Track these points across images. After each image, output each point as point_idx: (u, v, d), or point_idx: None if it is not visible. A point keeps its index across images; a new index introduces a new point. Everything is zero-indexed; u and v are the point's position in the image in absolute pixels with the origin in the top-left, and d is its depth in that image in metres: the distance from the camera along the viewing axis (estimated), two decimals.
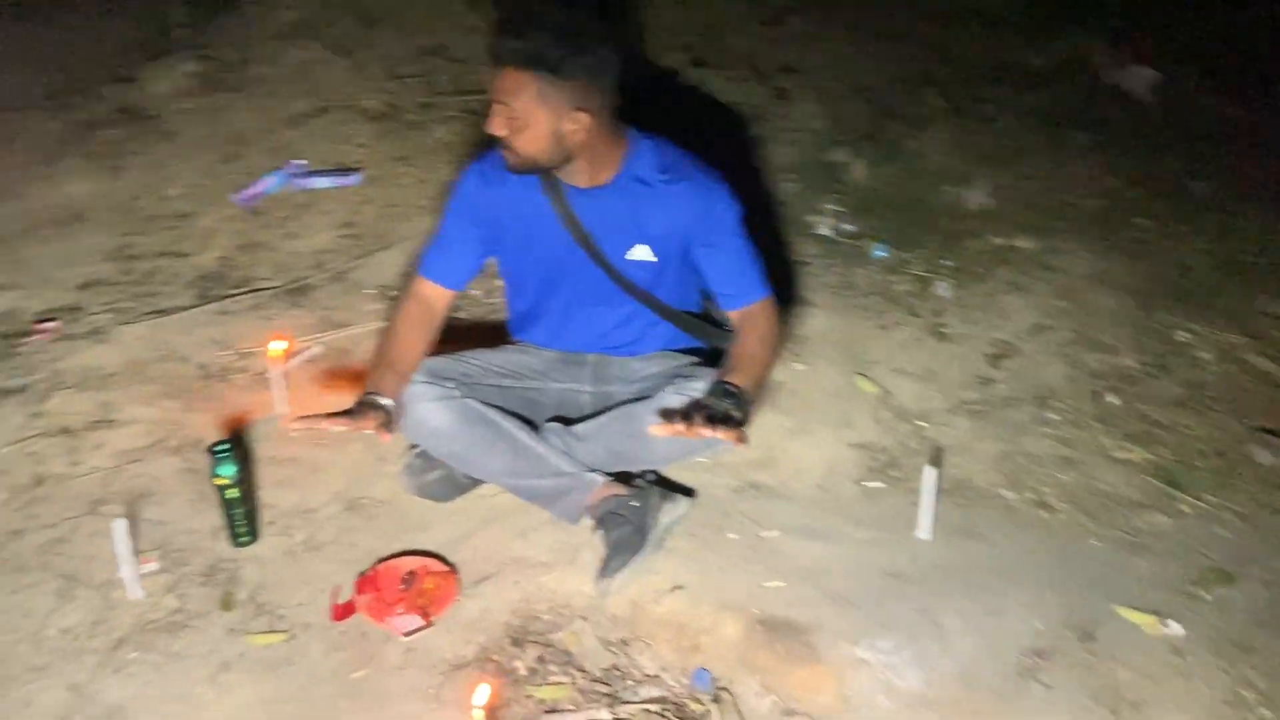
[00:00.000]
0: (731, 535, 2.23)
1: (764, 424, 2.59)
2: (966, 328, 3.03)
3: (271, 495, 2.34)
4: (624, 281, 2.16)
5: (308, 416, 1.95)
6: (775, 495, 2.37)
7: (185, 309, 3.20)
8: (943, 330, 3.02)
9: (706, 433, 1.84)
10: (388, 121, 4.20)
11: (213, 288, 3.36)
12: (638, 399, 2.20)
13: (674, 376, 2.16)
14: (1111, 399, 2.67)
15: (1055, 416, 2.62)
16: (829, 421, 2.62)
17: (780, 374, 2.79)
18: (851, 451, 2.51)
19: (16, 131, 4.63)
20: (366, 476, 2.38)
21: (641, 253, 2.14)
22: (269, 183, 3.87)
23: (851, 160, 3.80)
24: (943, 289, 3.21)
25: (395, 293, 3.08)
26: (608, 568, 2.03)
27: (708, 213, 2.09)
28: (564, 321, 2.27)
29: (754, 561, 2.15)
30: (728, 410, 1.92)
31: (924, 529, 2.23)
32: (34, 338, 3.06)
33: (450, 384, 2.14)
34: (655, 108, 4.03)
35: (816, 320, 3.08)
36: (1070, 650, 1.94)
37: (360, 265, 3.43)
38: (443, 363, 2.19)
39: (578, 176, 2.07)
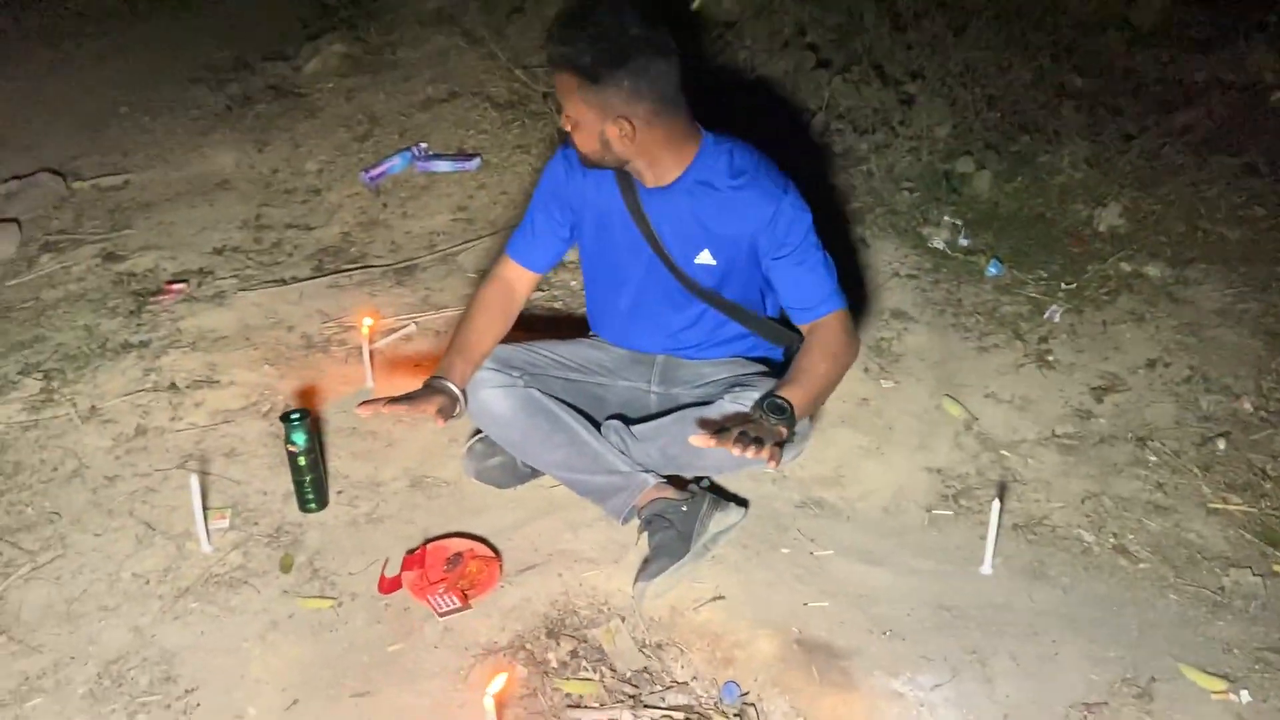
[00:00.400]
0: (784, 550, 2.19)
1: (837, 440, 2.53)
2: (1074, 356, 2.88)
3: (346, 465, 2.43)
4: (690, 283, 2.14)
5: (372, 400, 2.00)
6: (837, 514, 2.31)
7: (301, 280, 3.36)
8: (1048, 357, 2.87)
9: (737, 452, 1.80)
10: (512, 110, 4.29)
11: (330, 261, 3.51)
12: (699, 403, 2.18)
13: (735, 385, 2.13)
14: (1220, 445, 2.48)
15: (1154, 459, 2.46)
16: (907, 443, 2.53)
17: (865, 389, 2.72)
18: (925, 476, 2.42)
19: (179, 102, 4.96)
20: (436, 456, 2.44)
21: (704, 257, 2.11)
22: (394, 163, 4.01)
23: (975, 172, 3.65)
24: (1055, 314, 3.06)
25: None
26: (646, 571, 2.03)
27: (774, 221, 2.05)
28: (631, 319, 2.27)
29: (803, 580, 2.11)
30: (770, 426, 1.88)
31: (987, 564, 2.13)
32: (164, 297, 3.27)
33: (516, 373, 2.17)
34: (766, 109, 4.01)
35: (914, 337, 2.98)
36: (1123, 707, 1.82)
37: (467, 249, 3.52)
38: (512, 351, 2.22)
39: (643, 176, 2.07)
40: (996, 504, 2.08)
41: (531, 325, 2.61)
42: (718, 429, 1.85)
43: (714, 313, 2.19)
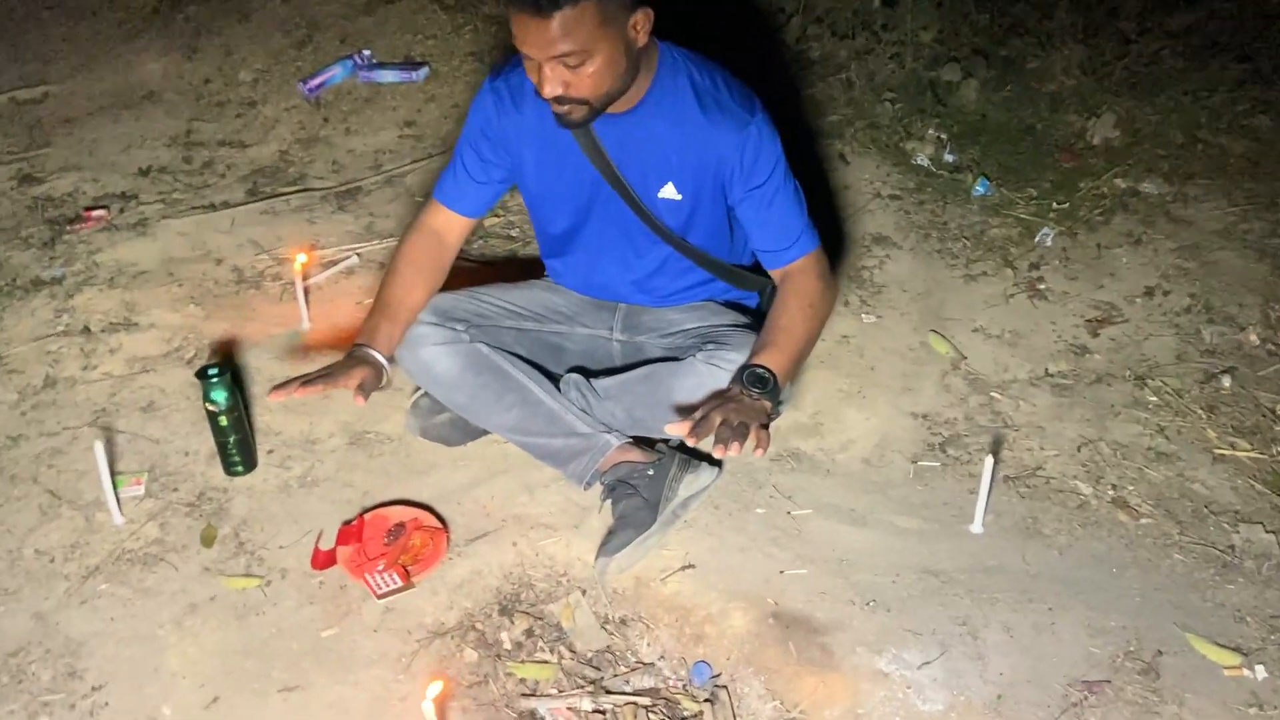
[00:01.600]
0: (759, 510, 2.00)
1: (816, 383, 2.34)
2: (1067, 285, 2.68)
3: (279, 421, 2.21)
4: (654, 223, 1.90)
5: (283, 384, 1.76)
6: (815, 468, 2.12)
7: (233, 205, 3.08)
8: (1039, 286, 2.68)
9: (719, 452, 1.60)
10: (463, 13, 3.95)
11: (265, 184, 3.23)
12: (667, 358, 1.97)
13: (708, 339, 1.91)
14: (1224, 382, 2.31)
15: (1154, 399, 2.28)
16: (890, 386, 2.34)
17: (845, 325, 2.52)
18: (910, 423, 2.24)
19: (100, 6, 4.56)
20: (378, 410, 2.21)
21: (668, 191, 1.87)
22: (335, 73, 3.70)
23: (961, 80, 3.40)
24: (1047, 237, 2.85)
25: None
26: (609, 545, 1.84)
27: (742, 149, 1.79)
28: (593, 263, 2.02)
29: (779, 543, 1.93)
30: (752, 404, 1.68)
31: (977, 522, 1.96)
32: (81, 226, 2.99)
33: (461, 325, 1.94)
34: (734, 13, 3.70)
35: (897, 265, 2.77)
36: (1127, 685, 1.67)
37: (415, 169, 3.24)
38: (454, 300, 1.98)
39: None
40: (989, 460, 1.90)
41: (466, 277, 2.37)
42: (700, 420, 1.64)
43: (679, 257, 1.95)
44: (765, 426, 1.68)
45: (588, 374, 2.04)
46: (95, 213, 3.06)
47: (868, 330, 2.51)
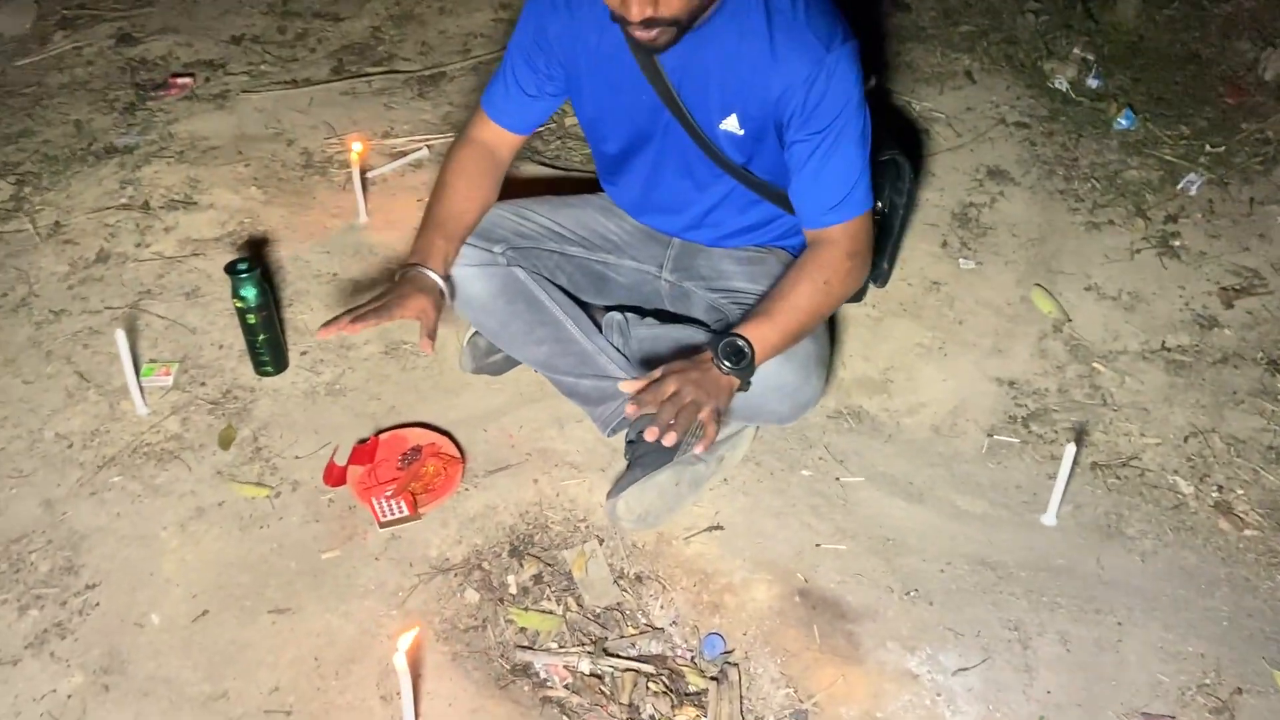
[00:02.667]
0: (804, 472, 1.82)
1: (893, 333, 2.11)
2: (1206, 243, 2.35)
3: (316, 320, 2.12)
4: (716, 154, 1.67)
5: (333, 320, 1.58)
6: (877, 430, 1.92)
7: (315, 83, 2.97)
8: (1173, 242, 2.35)
9: (650, 437, 1.40)
10: None
11: (352, 61, 3.10)
12: (709, 325, 1.78)
13: (749, 305, 1.71)
14: None
15: None
16: (979, 344, 2.09)
17: (937, 270, 2.27)
18: (993, 389, 2.00)
19: None
20: None
21: (730, 123, 1.63)
22: None
23: None
24: (1193, 185, 2.50)
25: None
26: (619, 482, 1.70)
27: (808, 87, 1.52)
28: (645, 195, 1.81)
29: (819, 512, 1.75)
30: (714, 380, 1.46)
31: (1051, 514, 1.74)
32: (165, 93, 2.93)
33: (500, 247, 1.77)
34: None
35: (1010, 204, 2.47)
36: None
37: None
38: (497, 216, 1.80)
39: None
40: (1071, 448, 1.67)
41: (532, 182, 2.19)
42: (652, 375, 1.44)
43: (744, 190, 1.73)
44: (720, 414, 1.47)
45: (632, 311, 1.87)
46: (181, 80, 2.99)
47: (963, 278, 2.25)
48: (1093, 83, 2.85)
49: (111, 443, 1.85)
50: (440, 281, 1.67)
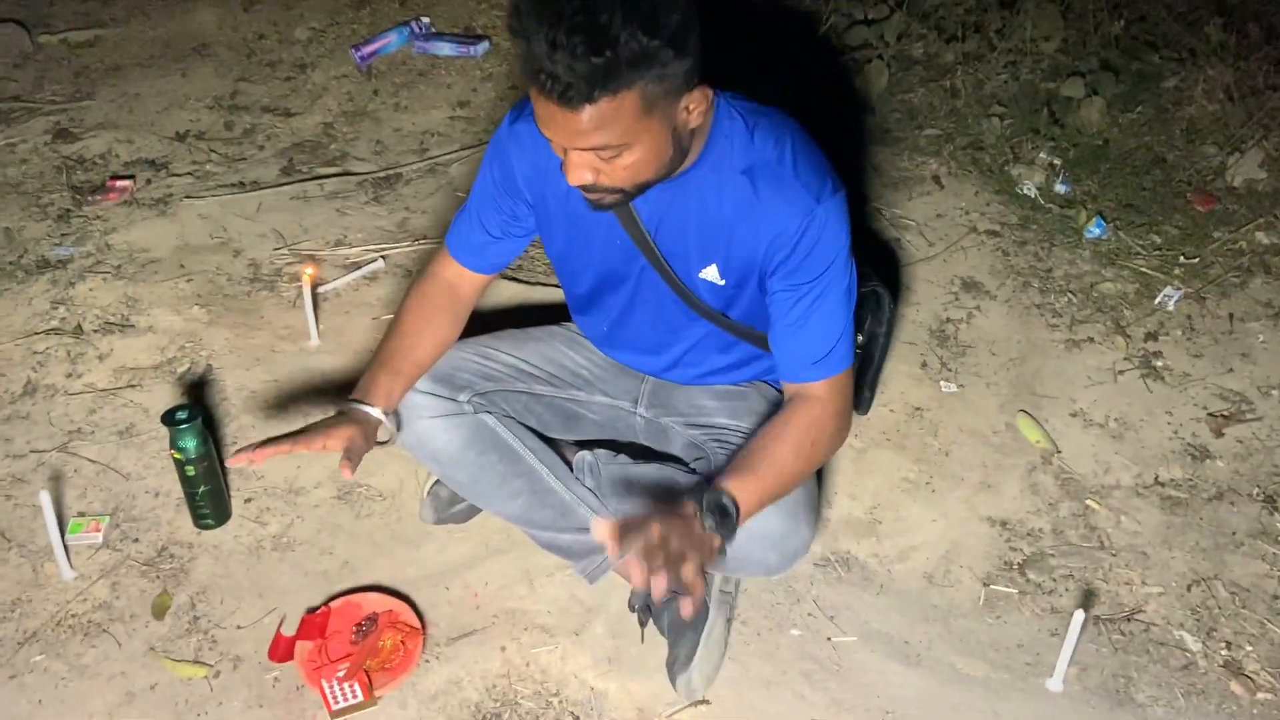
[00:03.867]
0: (794, 631, 1.70)
1: (878, 466, 2.02)
2: (1189, 364, 2.30)
3: (265, 463, 1.96)
4: (693, 301, 1.57)
5: (245, 448, 1.44)
6: (867, 580, 1.81)
7: (263, 186, 2.84)
8: (1155, 363, 2.29)
9: (638, 582, 1.24)
10: None
11: (303, 161, 2.98)
12: (687, 462, 1.67)
13: (732, 442, 1.61)
14: None
15: None
16: (967, 479, 2.00)
17: (919, 394, 2.19)
18: (985, 531, 1.91)
19: None
20: (374, 459, 1.93)
21: (710, 273, 1.53)
22: (390, 40, 3.42)
23: (1085, 98, 2.98)
24: (1170, 299, 2.46)
25: None
26: (678, 659, 1.59)
27: (798, 240, 1.42)
28: (621, 333, 1.70)
29: (813, 680, 1.63)
30: (699, 537, 1.31)
31: (1057, 678, 1.63)
32: (103, 198, 2.78)
33: (464, 395, 1.64)
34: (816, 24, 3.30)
35: (988, 320, 2.41)
36: None
37: (463, 159, 2.95)
38: (458, 360, 1.68)
39: None
40: (1079, 615, 1.56)
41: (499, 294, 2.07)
42: (632, 519, 1.31)
43: (720, 333, 1.63)
44: (704, 571, 1.34)
45: (604, 448, 1.75)
46: (120, 183, 2.85)
47: (946, 402, 2.17)
48: (1061, 188, 2.82)
49: (34, 614, 1.68)
50: (378, 415, 1.54)
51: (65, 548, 1.73)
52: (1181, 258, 2.60)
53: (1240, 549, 1.88)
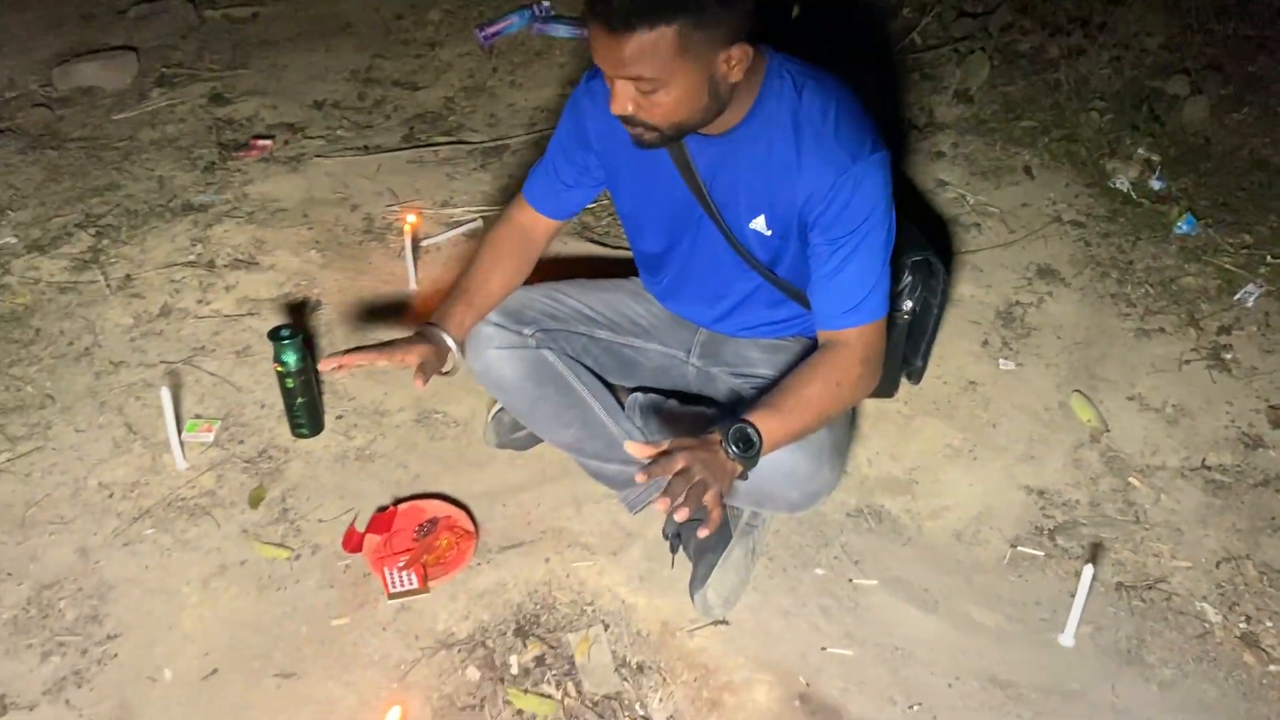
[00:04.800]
0: (818, 570, 1.81)
1: (922, 432, 2.10)
2: (1258, 359, 2.29)
3: (356, 385, 2.19)
4: (744, 253, 1.70)
5: (335, 354, 1.63)
6: (896, 532, 1.90)
7: (385, 150, 3.09)
8: (1224, 355, 2.29)
9: (662, 507, 1.36)
10: None
11: (423, 130, 3.23)
12: (733, 400, 1.79)
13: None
14: None
15: None
16: (1010, 450, 2.06)
17: (975, 369, 2.25)
18: (1021, 498, 1.97)
19: None
20: (452, 390, 2.15)
21: (759, 223, 1.66)
22: (512, 21, 3.64)
23: (1189, 96, 2.95)
24: (1250, 295, 2.44)
25: None
26: (696, 579, 1.73)
27: (832, 195, 1.54)
28: (680, 283, 1.85)
29: (829, 614, 1.74)
30: (721, 464, 1.43)
31: (1069, 634, 1.70)
32: (244, 154, 3.07)
33: (529, 329, 1.81)
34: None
35: (1058, 305, 2.44)
36: None
37: None
38: (527, 298, 1.85)
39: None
40: (1089, 569, 1.63)
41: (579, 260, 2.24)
42: (662, 446, 1.44)
43: (770, 288, 1.75)
44: (722, 497, 1.45)
45: (656, 394, 1.89)
46: (261, 142, 3.14)
47: (1001, 379, 2.23)
48: (1155, 184, 2.82)
49: (149, 494, 1.93)
50: (450, 342, 1.72)
51: (181, 443, 1.97)
52: (1269, 257, 2.57)
53: (1277, 533, 1.89)
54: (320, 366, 1.65)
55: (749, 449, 1.48)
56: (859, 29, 3.33)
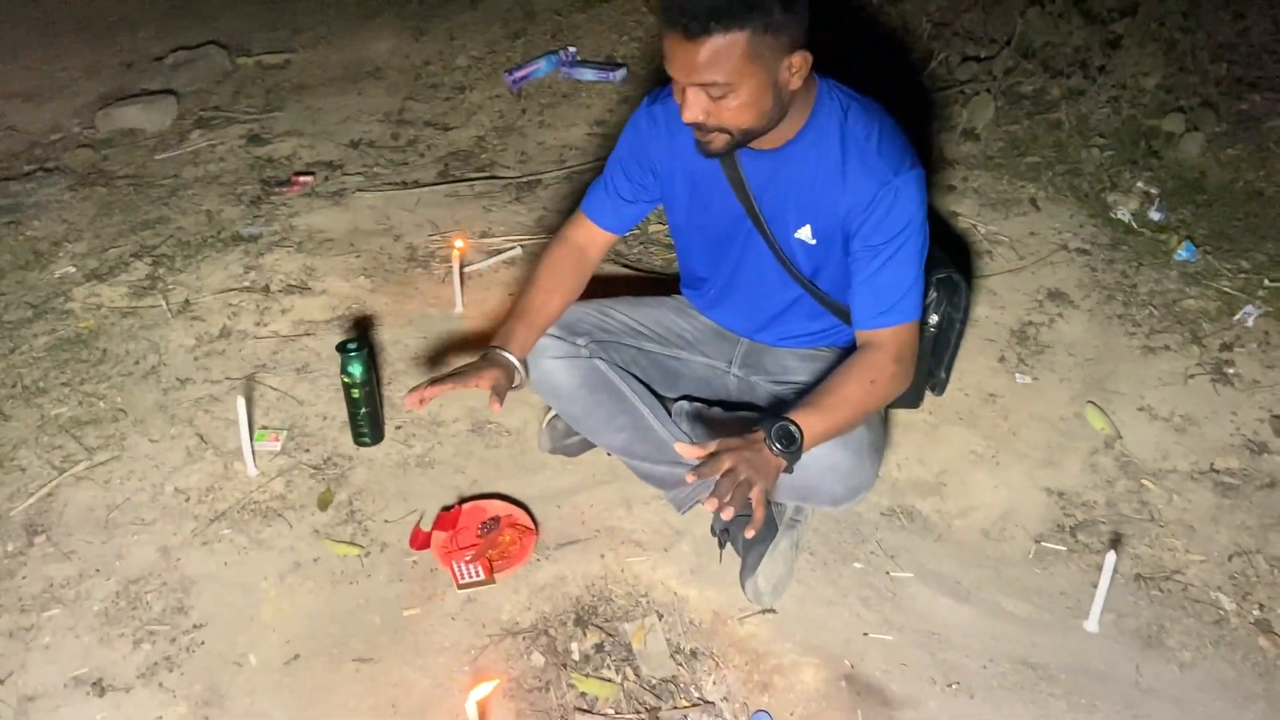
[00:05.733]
0: (856, 565, 1.93)
1: (949, 440, 2.23)
2: (1260, 372, 2.43)
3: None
4: (788, 264, 1.85)
5: (417, 387, 1.77)
6: (927, 530, 2.02)
7: (422, 185, 3.24)
8: (1226, 369, 2.43)
9: (710, 507, 1.50)
10: None
11: (457, 167, 3.38)
12: (774, 404, 1.93)
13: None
14: None
15: None
16: (1031, 455, 2.19)
17: (994, 383, 2.38)
18: (1042, 499, 2.09)
19: None
20: (506, 401, 2.27)
21: (804, 233, 1.81)
22: (540, 66, 3.82)
23: (1185, 133, 3.13)
24: (1249, 316, 2.59)
25: None
26: (745, 568, 1.84)
27: (872, 206, 1.70)
28: (725, 294, 1.99)
29: (869, 604, 1.85)
30: (765, 460, 1.56)
31: (1093, 620, 1.82)
32: (288, 190, 3.23)
33: (582, 340, 1.95)
34: (939, 37, 3.53)
35: (1069, 325, 2.59)
36: None
37: (596, 168, 3.30)
38: (582, 312, 1.99)
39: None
40: (1111, 555, 1.75)
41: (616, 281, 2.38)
42: (709, 448, 1.57)
43: (810, 300, 1.90)
44: (767, 494, 1.57)
45: (700, 402, 2.02)
46: (303, 178, 3.30)
47: (1018, 392, 2.36)
48: (1155, 215, 2.98)
49: (224, 499, 2.05)
50: (515, 362, 1.85)
51: (252, 450, 2.10)
52: (1267, 280, 2.72)
53: None
54: (405, 405, 1.77)
55: (791, 444, 1.61)
56: (869, 73, 3.52)
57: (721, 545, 1.94)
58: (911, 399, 2.18)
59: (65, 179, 3.37)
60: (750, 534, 1.58)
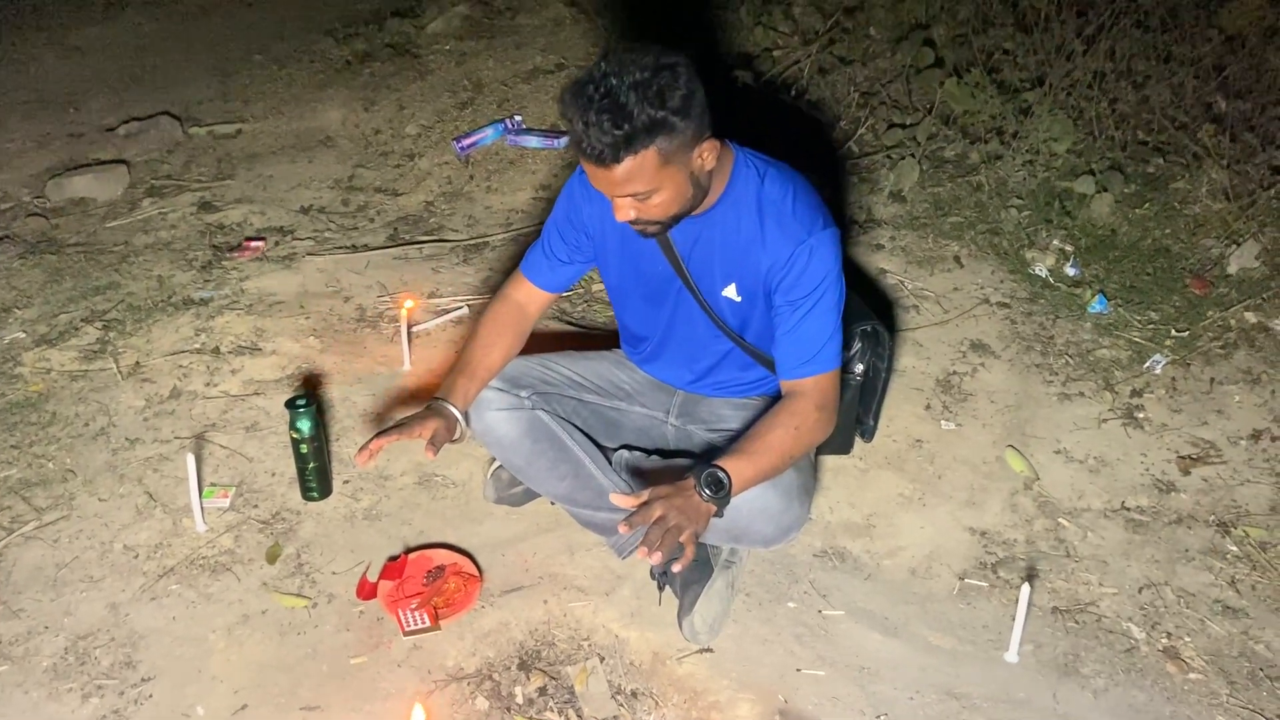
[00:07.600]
0: (790, 604, 2.02)
1: (877, 484, 2.33)
2: (1167, 416, 2.57)
3: None
4: (717, 319, 1.97)
5: (364, 445, 1.84)
6: (858, 570, 2.11)
7: (372, 249, 3.33)
8: (1137, 414, 2.58)
9: (641, 554, 1.61)
10: None
11: (406, 230, 3.47)
12: (708, 451, 2.02)
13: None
14: None
15: (1234, 549, 2.16)
16: (954, 497, 2.31)
17: (920, 429, 2.50)
18: (966, 538, 2.20)
19: (306, 53, 5.03)
20: (450, 455, 2.33)
21: (730, 291, 1.93)
22: (487, 134, 3.94)
23: (1095, 194, 3.32)
24: (1158, 364, 2.75)
25: None
26: (683, 608, 1.92)
27: (790, 264, 1.82)
28: (661, 350, 2.10)
29: (802, 640, 1.94)
30: (695, 506, 1.67)
31: (1013, 651, 1.91)
32: (239, 254, 3.29)
33: (525, 392, 2.04)
34: (866, 105, 3.73)
35: (990, 374, 2.73)
36: None
37: (541, 230, 3.40)
38: (524, 366, 2.08)
39: None
40: (1026, 588, 1.86)
41: (561, 337, 2.48)
42: (642, 497, 1.68)
43: (740, 352, 2.01)
44: (698, 536, 1.67)
45: (639, 451, 2.11)
46: (254, 243, 3.37)
47: (943, 437, 2.48)
48: (1070, 271, 3.15)
49: (172, 555, 2.09)
50: (457, 414, 1.94)
51: (201, 507, 2.14)
52: (1173, 330, 2.89)
53: (1191, 563, 2.14)
54: (357, 462, 1.85)
55: (720, 490, 1.72)
56: (802, 139, 3.69)
57: (660, 588, 2.02)
58: (842, 445, 2.29)
59: (15, 247, 3.41)
60: (677, 568, 1.66)
